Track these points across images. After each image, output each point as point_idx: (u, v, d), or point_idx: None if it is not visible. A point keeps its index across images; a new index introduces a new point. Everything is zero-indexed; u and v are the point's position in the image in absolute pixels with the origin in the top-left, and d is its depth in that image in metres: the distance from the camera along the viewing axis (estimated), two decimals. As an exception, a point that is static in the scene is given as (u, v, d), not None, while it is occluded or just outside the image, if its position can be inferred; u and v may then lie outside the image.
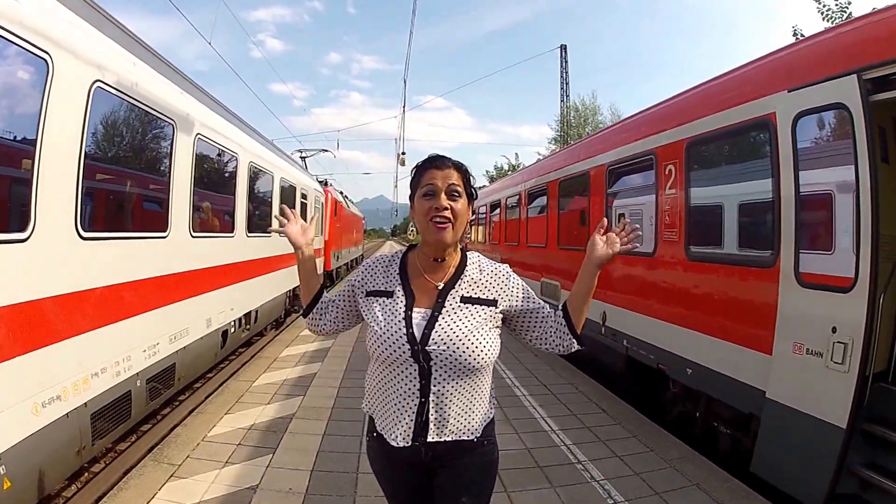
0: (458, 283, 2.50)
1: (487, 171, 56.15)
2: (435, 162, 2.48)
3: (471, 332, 2.37)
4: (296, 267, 2.89)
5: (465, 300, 2.46)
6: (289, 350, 11.37)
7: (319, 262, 21.72)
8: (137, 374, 6.24)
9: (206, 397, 8.53)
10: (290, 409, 7.53)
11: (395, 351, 2.35)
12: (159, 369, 6.85)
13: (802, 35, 15.69)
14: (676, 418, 7.55)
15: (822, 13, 15.32)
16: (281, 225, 2.81)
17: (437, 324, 2.37)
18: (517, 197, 16.01)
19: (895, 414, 4.49)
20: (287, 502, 5.09)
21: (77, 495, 5.74)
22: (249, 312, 11.27)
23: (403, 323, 2.38)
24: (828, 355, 4.62)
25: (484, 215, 21.09)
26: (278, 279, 13.94)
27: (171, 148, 7.19)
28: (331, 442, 6.43)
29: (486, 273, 2.56)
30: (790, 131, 5.30)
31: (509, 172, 44.36)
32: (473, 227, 22.29)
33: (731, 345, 5.92)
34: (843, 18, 14.70)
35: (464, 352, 2.33)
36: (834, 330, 4.59)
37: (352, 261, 39.87)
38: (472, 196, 2.53)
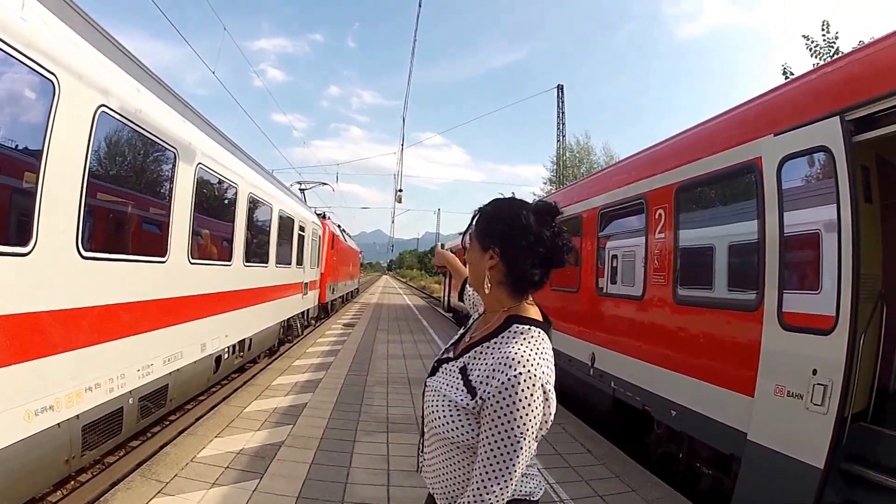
0: (473, 349, 2.13)
1: (483, 211, 56.14)
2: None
3: (439, 401, 2.09)
4: (290, 298, 2.87)
5: (462, 371, 2.09)
6: (281, 379, 11.39)
7: (314, 294, 21.79)
8: (130, 391, 6.35)
9: (197, 419, 8.60)
10: (280, 437, 7.57)
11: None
12: (152, 389, 6.95)
13: (792, 73, 16.18)
14: (660, 458, 7.61)
15: (811, 49, 15.67)
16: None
17: (437, 373, 2.25)
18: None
19: (873, 453, 4.58)
20: (272, 526, 5.16)
21: (62, 501, 5.89)
22: (243, 340, 11.37)
23: (437, 356, 2.37)
24: (808, 397, 4.68)
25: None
26: (273, 309, 14.05)
27: (173, 176, 7.38)
28: (318, 471, 6.46)
29: (497, 360, 1.98)
30: (775, 175, 5.41)
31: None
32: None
33: (716, 387, 6.00)
34: (831, 53, 15.19)
35: (429, 417, 2.13)
36: (815, 372, 4.67)
37: (347, 294, 39.85)
38: (487, 237, 2.17)
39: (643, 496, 6.34)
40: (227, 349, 10.14)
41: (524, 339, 2.05)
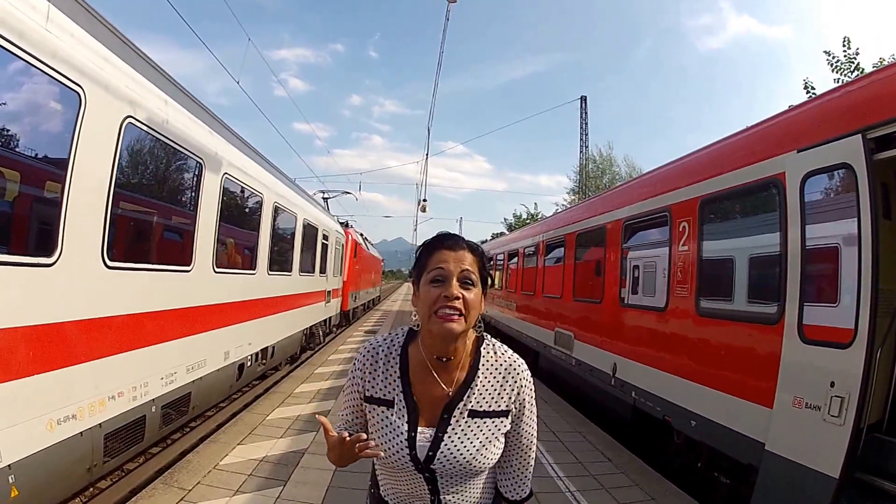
0: (468, 393, 2.15)
1: (505, 219, 56.36)
2: (446, 242, 2.13)
3: (478, 450, 2.11)
4: (313, 306, 2.61)
5: (473, 414, 2.14)
6: (304, 387, 11.49)
7: (337, 301, 21.88)
8: (153, 400, 6.41)
9: (219, 426, 8.70)
10: (303, 444, 7.63)
11: (399, 466, 2.12)
12: (175, 397, 7.02)
13: (813, 88, 16.42)
14: (680, 468, 7.60)
15: (832, 65, 15.76)
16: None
17: (442, 444, 2.09)
18: (535, 247, 16.23)
19: (887, 463, 4.59)
20: (296, 534, 5.19)
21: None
22: (266, 348, 11.46)
23: (406, 444, 2.09)
24: (825, 409, 4.70)
25: (502, 263, 21.23)
26: (296, 317, 14.17)
27: (199, 186, 7.47)
28: (342, 478, 6.49)
29: (500, 373, 2.19)
30: (798, 190, 5.43)
31: (528, 221, 44.48)
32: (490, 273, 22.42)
33: (735, 398, 5.99)
34: (852, 69, 15.44)
35: (471, 469, 2.12)
36: (832, 384, 4.68)
37: (369, 301, 39.97)
38: (486, 282, 2.15)
39: (662, 505, 6.34)
40: (249, 357, 10.22)
41: (496, 347, 2.25)
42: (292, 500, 5.84)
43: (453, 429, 2.11)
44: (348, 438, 1.92)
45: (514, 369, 2.20)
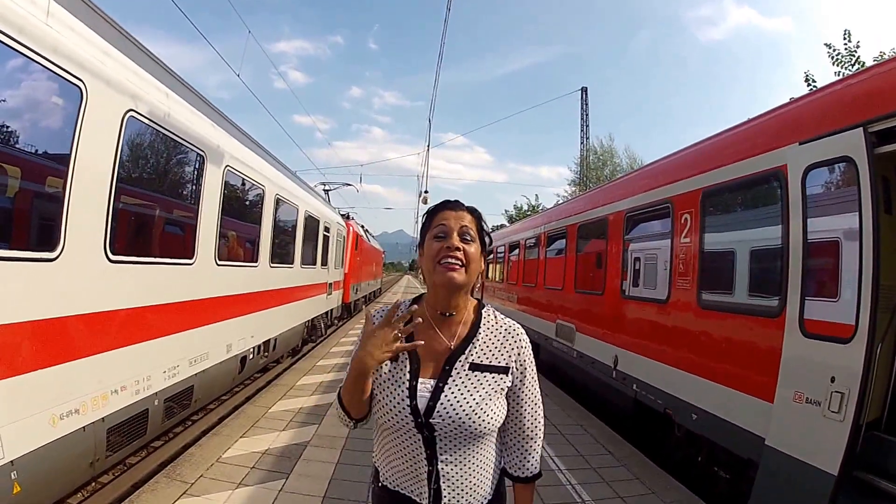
0: (469, 347, 2.29)
1: (506, 211, 56.29)
2: (448, 204, 2.35)
3: (478, 404, 2.19)
4: (314, 298, 2.67)
5: (474, 367, 2.26)
6: (306, 379, 11.51)
7: (338, 294, 21.89)
8: (156, 393, 6.42)
9: (221, 419, 8.74)
10: (305, 437, 7.65)
11: (398, 421, 2.19)
12: (177, 390, 7.03)
13: (814, 80, 16.56)
14: (680, 461, 7.61)
15: (833, 58, 15.83)
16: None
17: (442, 395, 2.18)
18: (536, 239, 16.17)
19: (885, 461, 4.60)
20: (298, 526, 5.21)
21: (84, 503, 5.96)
22: (268, 340, 11.46)
23: (407, 394, 2.20)
24: (825, 404, 4.70)
25: (503, 255, 21.20)
26: (298, 309, 14.17)
27: (201, 179, 7.47)
28: (343, 471, 6.54)
29: (500, 333, 2.36)
30: (800, 184, 5.42)
31: (529, 213, 44.43)
32: (492, 266, 22.46)
33: (737, 392, 5.99)
34: (853, 62, 15.50)
35: (469, 424, 2.16)
36: (833, 380, 4.68)
37: (370, 293, 40.00)
38: (485, 243, 2.35)
39: (662, 498, 6.39)
40: (252, 350, 10.23)
41: (496, 313, 2.46)
42: (295, 493, 5.86)
43: (454, 380, 2.22)
44: (395, 314, 2.18)
45: (514, 332, 2.39)
